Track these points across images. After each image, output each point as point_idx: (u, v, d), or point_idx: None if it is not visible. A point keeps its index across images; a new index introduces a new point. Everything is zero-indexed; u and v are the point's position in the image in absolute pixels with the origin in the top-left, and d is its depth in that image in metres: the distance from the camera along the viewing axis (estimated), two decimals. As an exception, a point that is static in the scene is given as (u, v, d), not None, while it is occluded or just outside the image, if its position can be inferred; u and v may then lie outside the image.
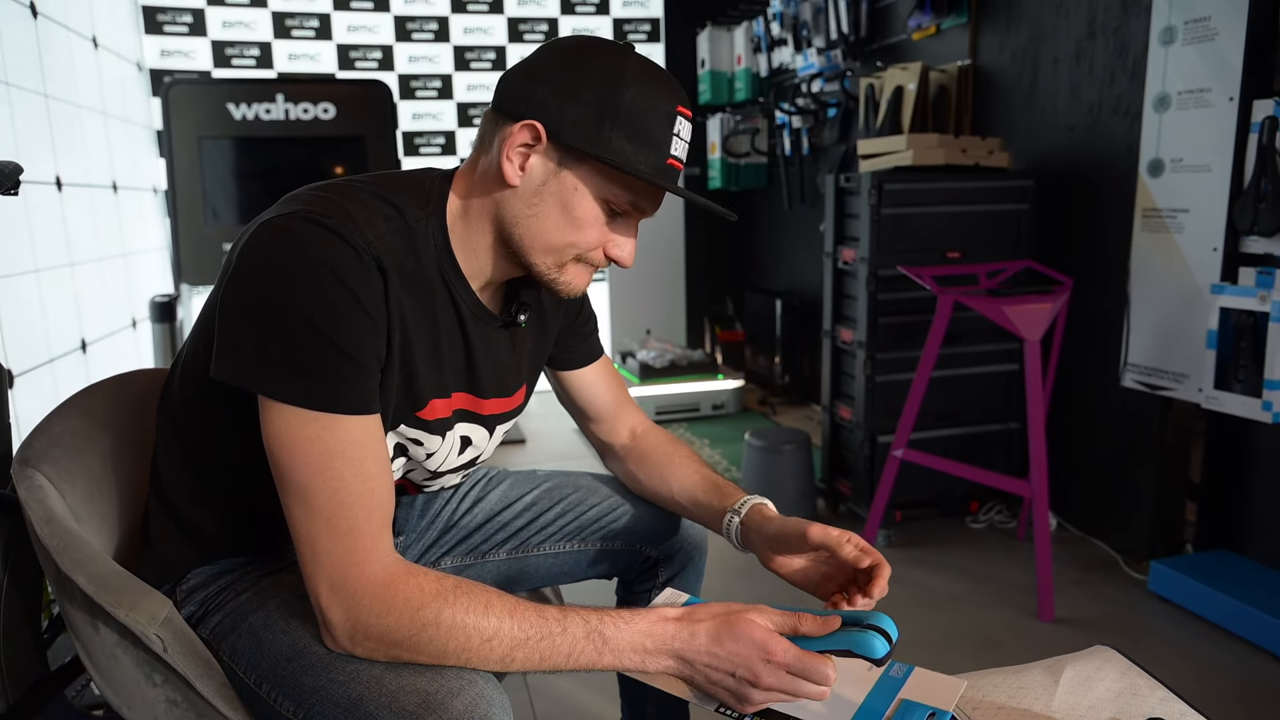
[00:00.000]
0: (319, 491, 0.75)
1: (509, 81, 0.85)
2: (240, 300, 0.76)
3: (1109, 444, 2.34)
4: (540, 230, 0.85)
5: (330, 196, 0.81)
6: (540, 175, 0.83)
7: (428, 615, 0.74)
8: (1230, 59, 1.89)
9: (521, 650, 0.76)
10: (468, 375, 0.92)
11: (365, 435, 0.78)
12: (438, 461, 0.94)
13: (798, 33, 3.69)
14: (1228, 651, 1.83)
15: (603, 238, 0.87)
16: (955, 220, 2.41)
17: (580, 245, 0.86)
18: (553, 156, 0.83)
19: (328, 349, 0.74)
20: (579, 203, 0.84)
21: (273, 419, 0.76)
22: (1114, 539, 2.32)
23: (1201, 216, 1.98)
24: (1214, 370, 1.94)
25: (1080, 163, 2.39)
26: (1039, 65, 2.51)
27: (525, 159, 0.83)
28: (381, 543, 0.77)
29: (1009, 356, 2.50)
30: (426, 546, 1.13)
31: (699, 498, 1.07)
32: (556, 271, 0.88)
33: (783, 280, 4.33)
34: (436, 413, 0.89)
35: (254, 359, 0.75)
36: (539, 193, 0.84)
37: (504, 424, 1.00)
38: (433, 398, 0.88)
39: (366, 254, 0.77)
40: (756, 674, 0.78)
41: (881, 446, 2.46)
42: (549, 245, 0.86)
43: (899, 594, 2.13)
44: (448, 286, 0.87)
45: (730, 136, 4.27)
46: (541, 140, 0.82)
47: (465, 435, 0.95)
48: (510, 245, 0.87)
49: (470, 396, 0.93)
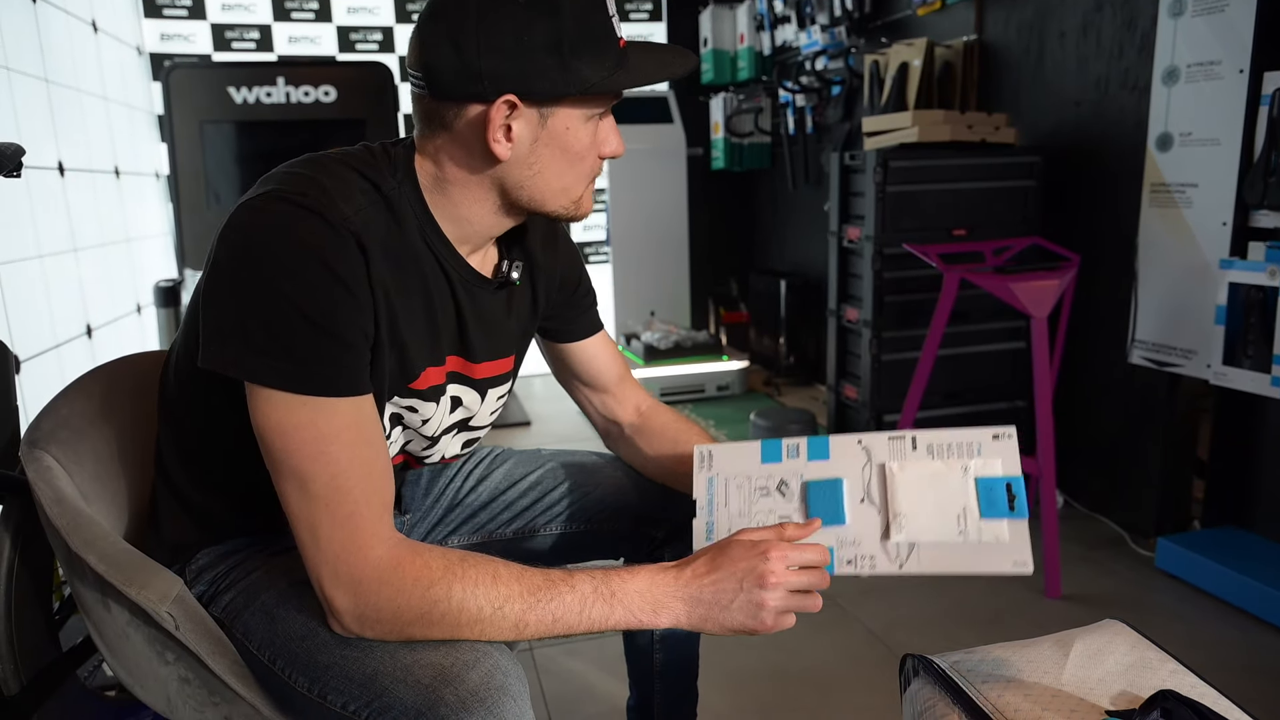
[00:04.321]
0: (315, 477, 0.74)
1: (441, 63, 0.79)
2: (222, 287, 0.75)
3: (1116, 421, 2.33)
4: (548, 181, 0.85)
5: (305, 173, 0.80)
6: (528, 136, 0.82)
7: (438, 592, 0.74)
8: (1241, 30, 1.86)
9: (534, 614, 0.76)
10: (460, 340, 0.91)
11: (358, 416, 0.77)
12: (433, 426, 0.93)
13: (801, 10, 3.64)
14: (1235, 627, 1.83)
15: (597, 148, 0.86)
16: (961, 197, 2.39)
17: (587, 171, 0.86)
18: (532, 114, 0.81)
19: (312, 331, 0.73)
20: (574, 138, 0.83)
21: (262, 406, 0.75)
22: (1121, 516, 2.32)
23: (1210, 191, 1.96)
24: (1223, 346, 1.93)
25: (1087, 138, 2.36)
26: (1045, 39, 2.48)
27: (509, 131, 0.81)
28: (383, 525, 0.77)
29: (1015, 334, 2.49)
30: (432, 525, 1.13)
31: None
32: (576, 205, 0.88)
33: (787, 260, 4.31)
34: (430, 380, 0.88)
35: (239, 346, 0.74)
36: (533, 151, 0.83)
37: (497, 388, 0.99)
38: (426, 366, 0.87)
39: (344, 231, 0.76)
40: (761, 574, 0.79)
41: (887, 426, 2.46)
42: (562, 189, 0.86)
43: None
44: (434, 254, 0.86)
45: (733, 116, 4.24)
46: (518, 107, 0.80)
47: (456, 396, 0.94)
48: (521, 206, 0.86)
49: (463, 360, 0.93)
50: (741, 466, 0.92)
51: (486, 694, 0.71)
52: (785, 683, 1.68)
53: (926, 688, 0.89)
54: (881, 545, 0.86)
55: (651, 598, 0.79)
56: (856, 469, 0.89)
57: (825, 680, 1.68)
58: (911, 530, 0.85)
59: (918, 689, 0.90)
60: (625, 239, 4.13)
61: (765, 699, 1.63)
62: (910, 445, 0.89)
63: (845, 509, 0.87)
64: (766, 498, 0.90)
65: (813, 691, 1.65)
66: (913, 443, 0.89)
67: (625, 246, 4.17)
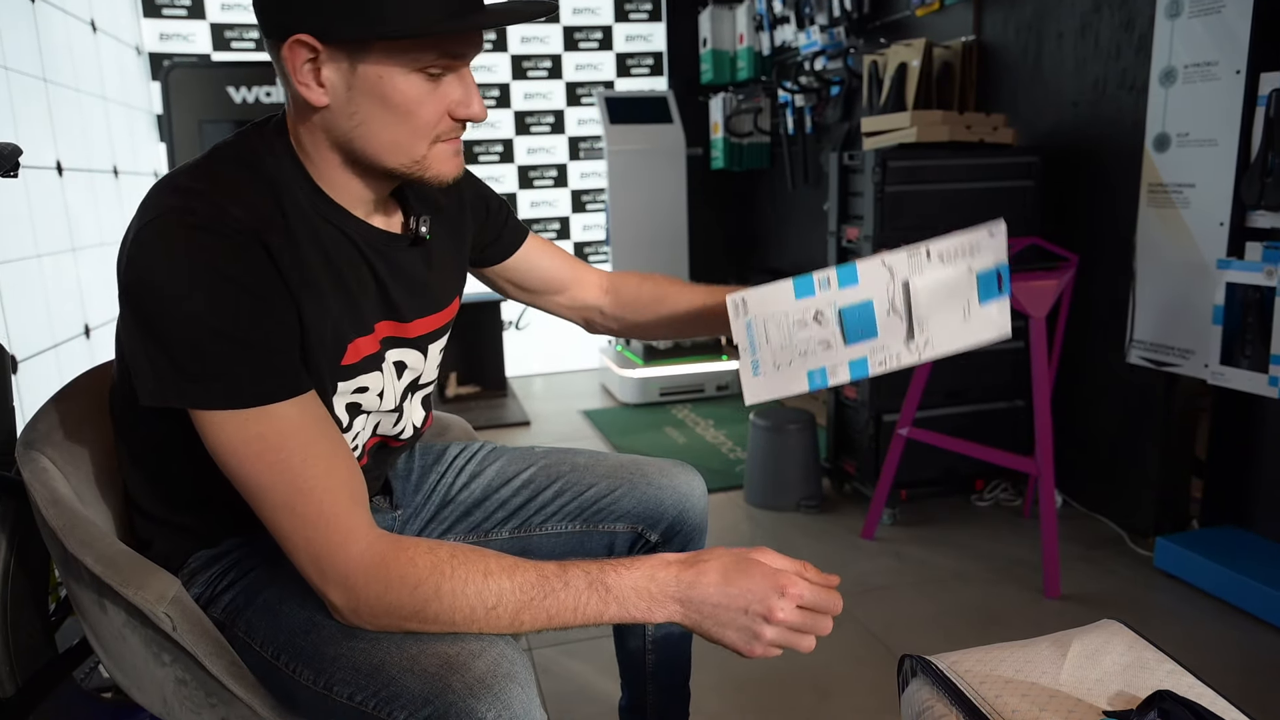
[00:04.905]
0: (274, 486, 0.74)
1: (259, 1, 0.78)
2: (134, 320, 0.74)
3: (1115, 421, 2.33)
4: (374, 134, 0.79)
5: (188, 184, 0.77)
6: (340, 82, 0.77)
7: (427, 591, 0.74)
8: (1237, 31, 1.86)
9: (528, 611, 0.75)
10: (385, 304, 0.89)
11: (304, 416, 0.76)
12: (390, 398, 0.91)
13: (800, 10, 3.64)
14: (1234, 627, 1.83)
15: (441, 107, 0.81)
16: (960, 197, 2.39)
17: (422, 128, 0.80)
18: (340, 58, 0.76)
19: (232, 346, 0.72)
20: (393, 89, 0.77)
21: (207, 429, 0.74)
22: (1120, 516, 2.32)
23: (1208, 191, 1.96)
24: (1220, 346, 1.93)
25: (1086, 138, 2.36)
26: (1043, 40, 2.48)
27: (317, 74, 0.77)
28: (357, 519, 0.76)
29: (1015, 334, 2.49)
30: (426, 521, 1.13)
31: (704, 301, 1.12)
32: (418, 166, 0.82)
33: (787, 259, 4.31)
34: (362, 351, 0.86)
35: (169, 376, 0.73)
36: (350, 100, 0.78)
37: (436, 342, 0.98)
38: (355, 338, 0.85)
39: (238, 235, 0.73)
40: (770, 608, 0.77)
41: (886, 425, 2.46)
42: (393, 144, 0.80)
43: (905, 572, 2.13)
44: (331, 223, 0.83)
45: (733, 116, 4.24)
46: (319, 49, 0.75)
47: (398, 361, 0.93)
48: (360, 161, 0.82)
49: (393, 323, 0.90)
50: (777, 306, 0.97)
51: (494, 681, 0.71)
52: (781, 683, 1.68)
53: (925, 688, 0.89)
54: (905, 344, 1.01)
55: (648, 593, 0.77)
56: (882, 288, 0.99)
57: (823, 681, 1.68)
58: (929, 328, 1.01)
59: (916, 690, 0.90)
60: (625, 238, 4.13)
61: (762, 700, 1.63)
62: (925, 257, 0.99)
63: (876, 324, 0.99)
64: (804, 329, 0.98)
65: (810, 692, 1.65)
66: (926, 254, 1.00)
67: (625, 246, 4.17)
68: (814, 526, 2.44)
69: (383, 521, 1.05)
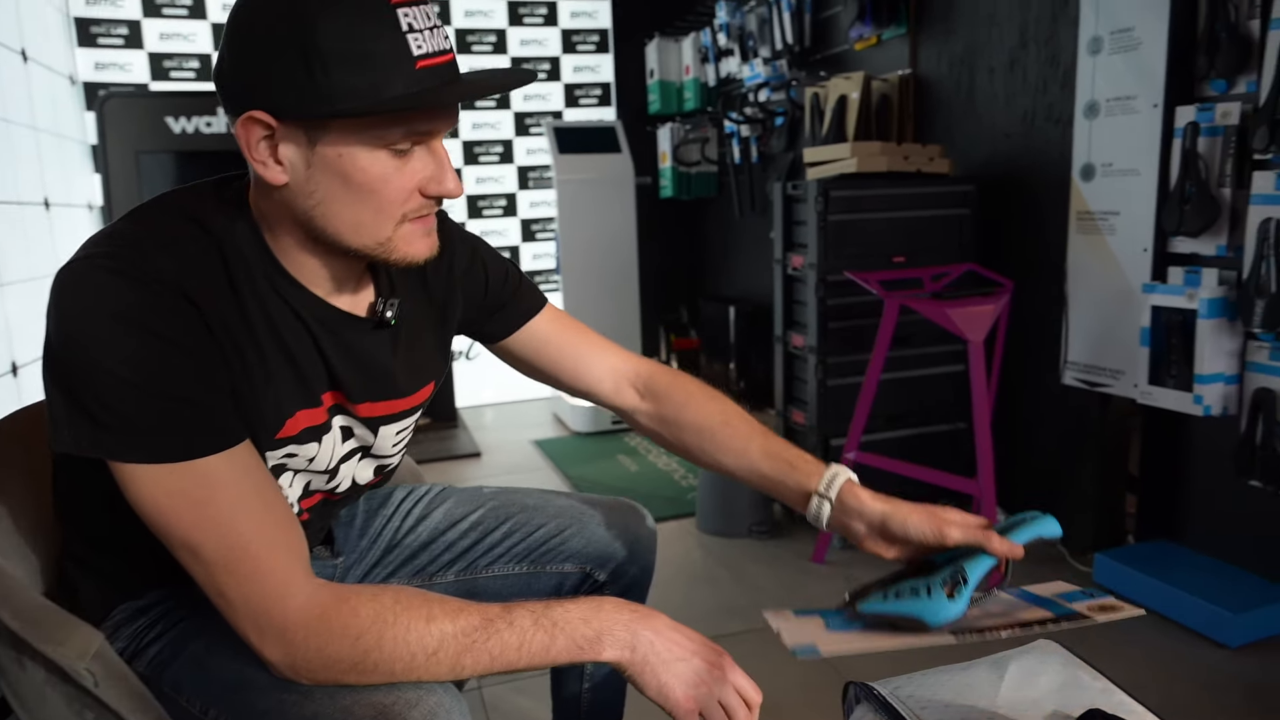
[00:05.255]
0: (204, 543, 0.71)
1: (221, 73, 0.74)
2: (55, 369, 0.71)
3: (1052, 440, 2.40)
4: (336, 214, 0.75)
5: (123, 228, 0.75)
6: (299, 160, 0.73)
7: (369, 641, 0.72)
8: (1154, 67, 1.96)
9: (469, 655, 0.74)
10: (330, 382, 0.84)
11: (233, 469, 0.73)
12: (324, 461, 0.87)
13: (744, 43, 3.73)
14: (1170, 638, 1.88)
15: (410, 184, 0.76)
16: (900, 225, 2.46)
17: (388, 208, 0.75)
18: (296, 136, 0.72)
19: (149, 399, 0.69)
20: (354, 167, 0.73)
21: (127, 482, 0.71)
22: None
23: (1131, 219, 2.05)
24: (1148, 366, 2.00)
25: (1017, 168, 2.45)
26: (975, 74, 2.58)
27: (274, 151, 0.73)
28: (295, 573, 0.74)
29: (956, 358, 2.56)
30: (370, 567, 1.10)
31: (764, 472, 0.99)
32: (383, 247, 0.77)
33: (736, 287, 4.37)
34: (303, 424, 0.82)
35: (88, 427, 0.70)
36: (310, 178, 0.74)
37: (391, 425, 0.92)
38: (297, 411, 0.81)
39: (159, 283, 0.70)
40: (722, 665, 0.78)
41: (834, 449, 2.49)
42: (356, 224, 0.76)
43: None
44: (280, 295, 0.79)
45: (680, 145, 4.30)
46: (274, 126, 0.72)
47: (345, 426, 0.88)
48: (321, 240, 0.78)
49: (342, 398, 0.86)
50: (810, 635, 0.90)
51: None
52: (736, 712, 1.67)
53: (869, 715, 0.90)
54: None
55: (597, 624, 0.76)
56: None
57: (771, 708, 1.67)
58: None
59: (860, 716, 0.91)
60: (575, 267, 4.15)
61: (716, 729, 1.62)
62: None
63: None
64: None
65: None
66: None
67: (576, 275, 4.18)
68: (765, 552, 2.46)
69: (323, 570, 1.02)
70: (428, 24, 0.72)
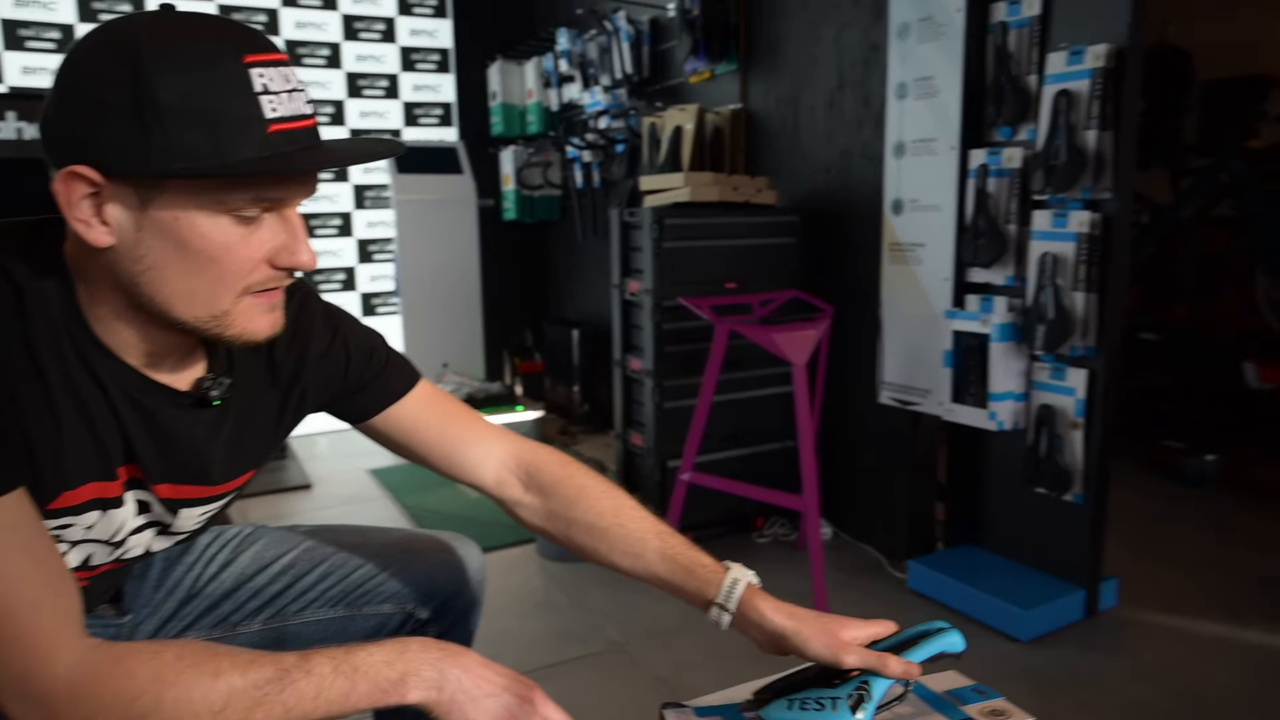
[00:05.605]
0: None
1: (46, 120, 0.67)
2: None
3: (872, 455, 2.56)
4: (166, 282, 0.68)
5: None
6: (128, 223, 0.66)
7: (146, 704, 0.65)
8: (950, 113, 2.16)
9: (261, 709, 0.68)
10: (126, 456, 0.77)
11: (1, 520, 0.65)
12: (107, 533, 0.79)
13: (585, 71, 3.78)
14: (974, 637, 2.01)
15: (256, 254, 0.70)
16: (731, 253, 2.56)
17: (228, 278, 0.69)
18: (126, 195, 0.66)
19: None
20: (192, 232, 0.67)
21: None
22: (880, 542, 2.53)
23: (935, 250, 2.23)
24: (951, 385, 2.18)
25: (837, 201, 2.62)
26: (799, 111, 2.74)
27: (99, 211, 0.66)
28: (64, 635, 0.67)
29: (785, 380, 2.68)
30: (163, 621, 1.00)
31: (662, 576, 0.95)
32: (217, 322, 0.71)
33: (579, 310, 4.39)
34: (88, 495, 0.75)
35: None
36: (139, 242, 0.67)
37: (191, 509, 0.84)
38: (88, 480, 0.74)
39: None
40: (533, 699, 0.75)
41: (671, 471, 2.54)
42: (188, 294, 0.69)
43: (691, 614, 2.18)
44: (83, 360, 0.71)
45: (524, 169, 4.29)
46: (100, 183, 0.65)
47: (143, 501, 0.81)
48: (145, 309, 0.70)
49: (139, 473, 0.79)
50: None
51: None
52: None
53: (685, 733, 0.91)
54: None
55: (402, 666, 0.73)
56: None
57: (611, 732, 1.67)
58: None
59: (676, 735, 0.92)
60: (415, 289, 4.03)
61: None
62: None
63: None
64: None
65: (599, 745, 1.63)
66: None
67: (415, 297, 4.06)
68: (606, 575, 2.42)
69: (105, 631, 0.93)
70: (285, 86, 0.67)
